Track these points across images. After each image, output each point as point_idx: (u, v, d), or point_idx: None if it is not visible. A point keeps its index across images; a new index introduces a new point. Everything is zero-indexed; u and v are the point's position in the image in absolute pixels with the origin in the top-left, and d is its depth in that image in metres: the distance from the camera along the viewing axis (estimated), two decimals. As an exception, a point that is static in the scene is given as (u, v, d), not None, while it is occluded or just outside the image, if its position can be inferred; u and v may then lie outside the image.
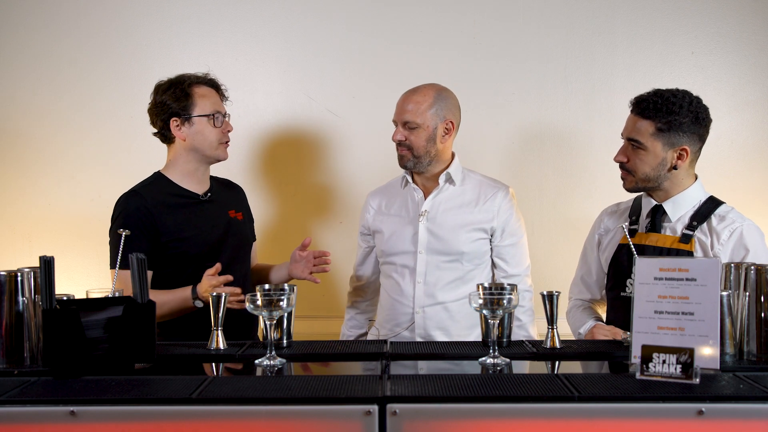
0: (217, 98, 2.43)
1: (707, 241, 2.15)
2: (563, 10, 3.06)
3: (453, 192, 2.53)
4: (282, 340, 1.97)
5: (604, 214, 2.45)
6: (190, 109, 2.36)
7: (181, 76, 2.41)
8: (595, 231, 2.44)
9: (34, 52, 3.07)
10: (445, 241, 2.47)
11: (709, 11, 3.04)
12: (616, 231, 2.35)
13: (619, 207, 2.43)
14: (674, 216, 2.22)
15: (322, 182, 3.14)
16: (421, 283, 2.48)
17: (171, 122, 2.38)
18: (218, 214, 2.46)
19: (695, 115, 2.16)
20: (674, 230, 2.21)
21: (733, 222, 2.15)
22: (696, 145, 2.20)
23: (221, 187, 2.55)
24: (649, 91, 2.20)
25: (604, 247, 2.37)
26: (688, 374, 1.55)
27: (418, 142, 2.46)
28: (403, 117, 2.47)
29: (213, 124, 2.38)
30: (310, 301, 2.96)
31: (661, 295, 1.63)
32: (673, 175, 2.20)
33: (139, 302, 1.75)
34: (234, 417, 1.47)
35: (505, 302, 1.78)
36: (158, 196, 2.36)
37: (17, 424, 1.46)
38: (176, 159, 2.42)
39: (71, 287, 2.09)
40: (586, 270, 2.45)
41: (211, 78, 2.45)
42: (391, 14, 3.07)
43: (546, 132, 3.09)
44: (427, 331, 2.48)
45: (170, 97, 2.37)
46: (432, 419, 1.47)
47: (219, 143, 2.40)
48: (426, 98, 2.47)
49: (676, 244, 2.17)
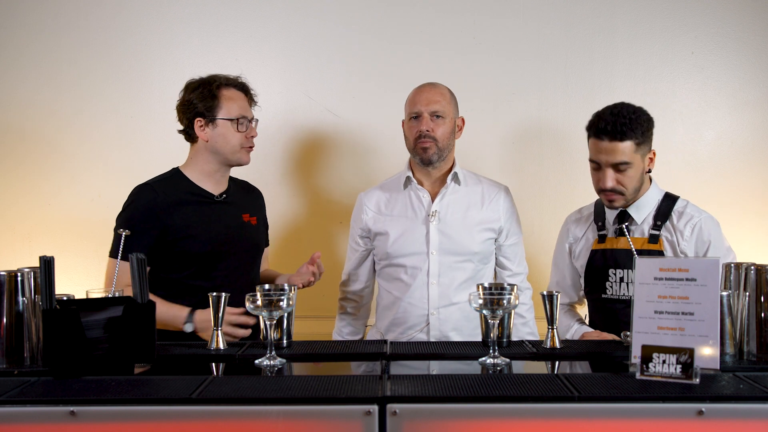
0: (244, 102, 2.39)
1: (673, 239, 2.26)
2: (563, 10, 3.06)
3: (460, 192, 2.53)
4: (282, 340, 1.97)
5: (569, 222, 2.51)
6: (215, 111, 2.33)
7: (212, 76, 2.38)
8: (564, 240, 2.50)
9: (35, 53, 3.07)
10: (457, 241, 2.46)
11: (709, 11, 3.04)
12: (586, 237, 2.42)
13: (582, 213, 2.49)
14: (639, 218, 2.31)
15: (321, 182, 3.13)
16: (435, 284, 2.46)
17: (195, 122, 2.35)
18: (231, 216, 2.42)
19: (648, 118, 2.26)
20: (642, 231, 2.30)
21: (692, 217, 2.26)
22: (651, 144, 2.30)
23: (239, 190, 2.52)
24: (607, 116, 2.22)
25: (577, 255, 2.44)
26: (688, 374, 1.55)
27: (444, 134, 2.45)
28: (431, 107, 2.44)
29: (236, 128, 2.34)
30: (310, 301, 2.96)
31: (661, 295, 1.63)
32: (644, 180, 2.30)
33: (139, 302, 1.75)
34: (234, 417, 1.47)
35: (505, 302, 1.78)
36: (171, 193, 2.33)
37: (17, 424, 1.46)
38: (196, 158, 2.40)
39: (71, 287, 2.09)
40: (560, 277, 2.52)
41: (241, 81, 2.41)
42: (392, 14, 3.07)
43: (546, 132, 3.09)
44: (442, 333, 2.45)
45: (197, 96, 2.34)
46: (432, 419, 1.47)
47: (241, 147, 2.37)
48: (446, 91, 2.50)
49: (645, 245, 2.26)
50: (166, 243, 2.29)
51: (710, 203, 2.56)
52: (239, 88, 2.39)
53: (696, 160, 3.07)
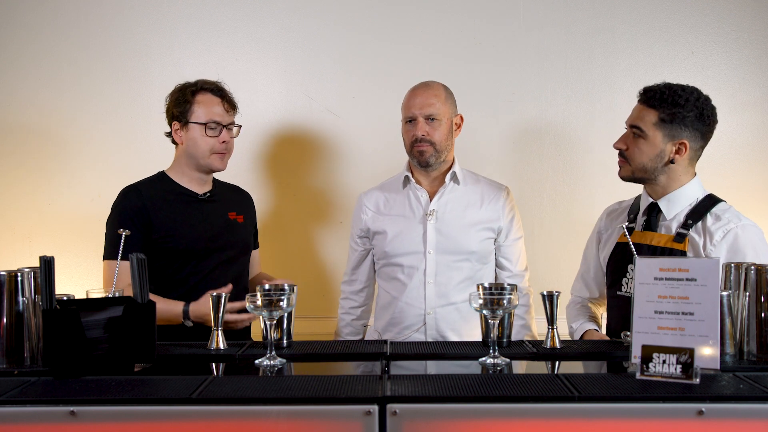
0: (218, 107, 2.40)
1: (700, 241, 2.11)
2: (563, 10, 3.06)
3: (458, 192, 2.52)
4: (282, 340, 1.97)
5: (605, 212, 2.44)
6: (187, 115, 2.39)
7: (194, 81, 2.43)
8: (596, 229, 2.44)
9: (35, 52, 3.07)
10: (455, 240, 2.46)
11: (709, 11, 3.04)
12: (614, 230, 2.34)
13: (620, 205, 2.42)
14: (669, 214, 2.19)
15: (322, 182, 3.13)
16: (432, 283, 2.46)
17: (173, 125, 2.43)
18: (216, 213, 2.46)
19: (700, 111, 2.13)
20: (669, 229, 2.18)
21: (729, 222, 2.10)
22: (697, 143, 2.17)
23: (225, 190, 2.56)
24: (660, 83, 2.19)
25: (603, 246, 2.37)
26: (688, 374, 1.55)
27: (440, 136, 2.44)
28: (425, 111, 2.43)
29: (206, 132, 2.38)
30: (310, 301, 2.96)
31: (661, 295, 1.63)
32: (670, 170, 2.17)
33: (139, 302, 1.75)
34: (234, 417, 1.47)
35: (505, 302, 1.78)
36: (156, 193, 2.39)
37: (17, 424, 1.46)
38: (179, 161, 2.46)
39: (71, 287, 2.09)
40: (585, 268, 2.45)
41: (219, 86, 2.43)
42: (391, 14, 3.07)
43: (546, 132, 3.09)
44: (439, 333, 2.45)
45: (173, 100, 2.42)
46: (432, 419, 1.47)
47: (212, 153, 2.40)
48: (441, 92, 2.47)
49: (670, 243, 2.14)
50: (151, 241, 2.33)
51: (710, 203, 2.56)
52: (215, 92, 2.41)
53: (696, 160, 3.06)
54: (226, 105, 2.42)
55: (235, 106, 2.47)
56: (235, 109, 2.47)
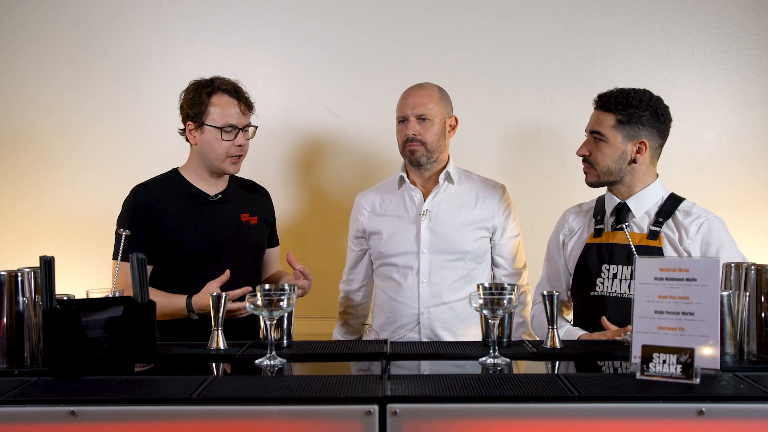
0: (235, 109, 2.33)
1: (675, 237, 2.20)
2: (563, 10, 3.06)
3: (453, 191, 2.53)
4: (282, 340, 1.96)
5: (567, 214, 2.47)
6: (203, 117, 2.32)
7: (209, 79, 2.35)
8: (558, 232, 2.46)
9: (35, 52, 3.07)
10: (448, 239, 2.46)
11: (709, 11, 3.04)
12: (581, 231, 2.38)
13: (582, 207, 2.45)
14: (638, 212, 2.26)
15: (322, 182, 3.13)
16: (425, 283, 2.47)
17: (187, 125, 2.37)
18: (227, 216, 2.42)
19: (654, 110, 2.24)
20: (640, 227, 2.25)
21: (699, 216, 2.21)
22: (655, 141, 2.26)
23: (240, 190, 2.50)
24: (612, 89, 2.30)
25: (570, 248, 2.39)
26: (689, 374, 1.55)
27: (431, 136, 2.45)
28: (417, 111, 2.44)
29: (221, 136, 2.32)
30: (310, 301, 2.95)
31: (661, 295, 1.63)
32: (633, 170, 2.25)
33: (139, 302, 1.74)
34: (234, 417, 1.47)
35: (505, 302, 1.78)
36: (166, 193, 2.36)
37: (17, 424, 1.46)
38: (193, 159, 2.41)
39: (71, 287, 2.09)
40: (552, 271, 2.46)
41: (237, 87, 2.36)
42: (391, 14, 3.07)
43: (546, 132, 3.09)
44: (433, 332, 2.46)
45: (188, 100, 2.34)
46: (432, 419, 1.47)
47: (226, 157, 2.34)
48: (434, 92, 2.48)
49: (644, 241, 2.21)
50: (160, 242, 2.31)
51: (710, 203, 2.55)
52: (232, 94, 2.34)
53: (696, 161, 3.07)
54: (242, 107, 2.35)
55: (251, 107, 2.39)
56: (251, 110, 2.40)
